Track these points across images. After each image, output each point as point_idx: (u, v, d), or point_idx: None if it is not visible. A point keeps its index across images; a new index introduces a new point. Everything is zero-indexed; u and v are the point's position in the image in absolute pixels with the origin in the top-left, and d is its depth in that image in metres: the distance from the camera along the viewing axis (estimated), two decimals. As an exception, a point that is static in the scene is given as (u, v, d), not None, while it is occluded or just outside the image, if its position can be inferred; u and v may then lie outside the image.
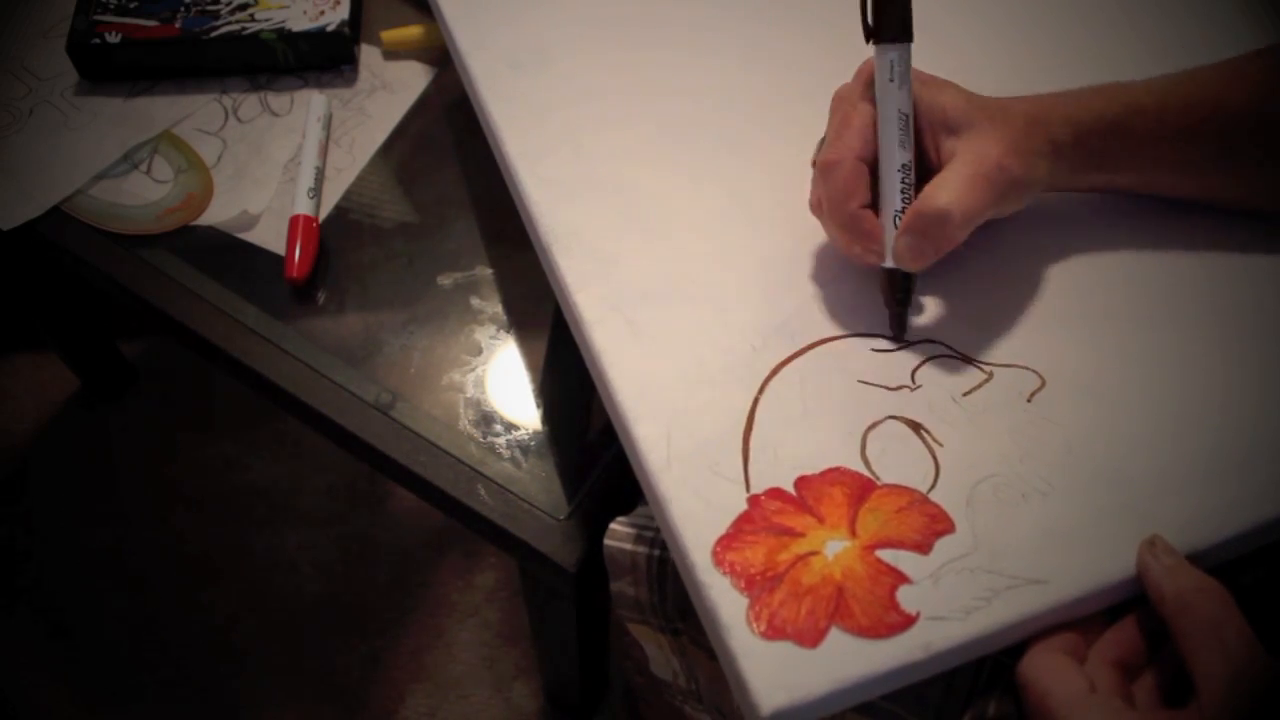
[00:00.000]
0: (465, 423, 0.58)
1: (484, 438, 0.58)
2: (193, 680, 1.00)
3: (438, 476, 0.57)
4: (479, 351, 0.61)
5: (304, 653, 1.01)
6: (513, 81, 0.54)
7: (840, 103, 0.45)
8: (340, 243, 0.65)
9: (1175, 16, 0.56)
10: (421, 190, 0.67)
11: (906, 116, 0.42)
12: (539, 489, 0.56)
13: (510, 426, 0.58)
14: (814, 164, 0.45)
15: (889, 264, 0.43)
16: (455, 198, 0.67)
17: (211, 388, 1.15)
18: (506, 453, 0.57)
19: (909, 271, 0.43)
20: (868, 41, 0.42)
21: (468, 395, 0.59)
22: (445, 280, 0.64)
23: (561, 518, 0.55)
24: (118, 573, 1.06)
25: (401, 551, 1.06)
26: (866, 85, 0.44)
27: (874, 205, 0.43)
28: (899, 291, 0.43)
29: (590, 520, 0.55)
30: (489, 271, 0.64)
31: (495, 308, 0.63)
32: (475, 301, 0.63)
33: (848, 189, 0.42)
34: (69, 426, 1.15)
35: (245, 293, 0.63)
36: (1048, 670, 0.35)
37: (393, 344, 0.61)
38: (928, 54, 0.56)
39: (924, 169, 0.43)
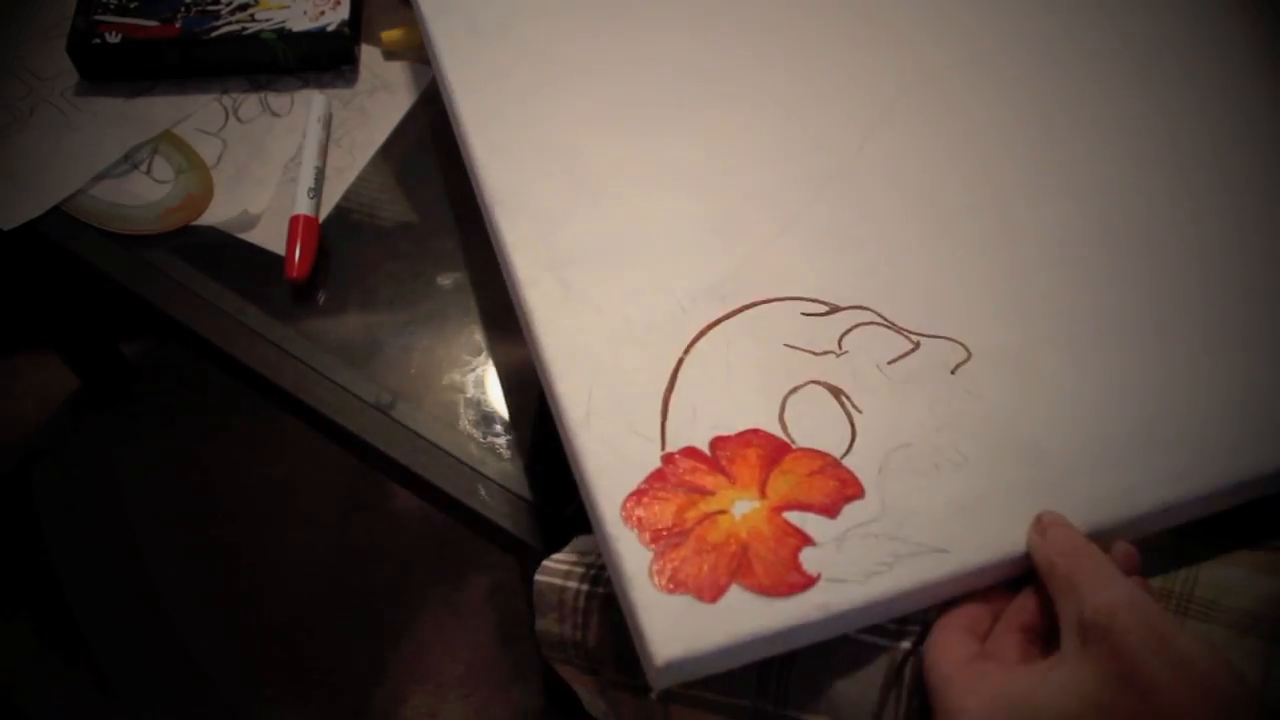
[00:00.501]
0: (465, 423, 0.58)
1: (484, 438, 0.58)
2: (193, 680, 1.00)
3: (438, 476, 0.57)
4: (479, 351, 0.61)
5: (304, 653, 1.01)
6: (471, 46, 0.55)
7: None
8: (340, 243, 0.65)
9: (1168, 13, 0.56)
10: (422, 190, 0.68)
11: None
12: (539, 489, 0.56)
13: (510, 426, 0.58)
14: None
15: None
16: (456, 197, 0.67)
17: (211, 388, 1.15)
18: (506, 453, 0.57)
19: None
20: None
21: (468, 395, 0.59)
22: (445, 280, 0.64)
23: (562, 517, 0.55)
24: (118, 573, 1.06)
25: (401, 551, 1.06)
26: None
27: None
28: None
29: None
30: (490, 271, 0.64)
31: (495, 307, 0.63)
32: (475, 301, 0.63)
33: None
34: (69, 426, 1.15)
35: (245, 293, 0.63)
36: (934, 646, 0.36)
37: (393, 344, 0.61)
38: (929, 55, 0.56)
39: None
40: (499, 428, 0.58)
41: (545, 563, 0.46)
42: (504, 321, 0.62)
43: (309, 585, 1.04)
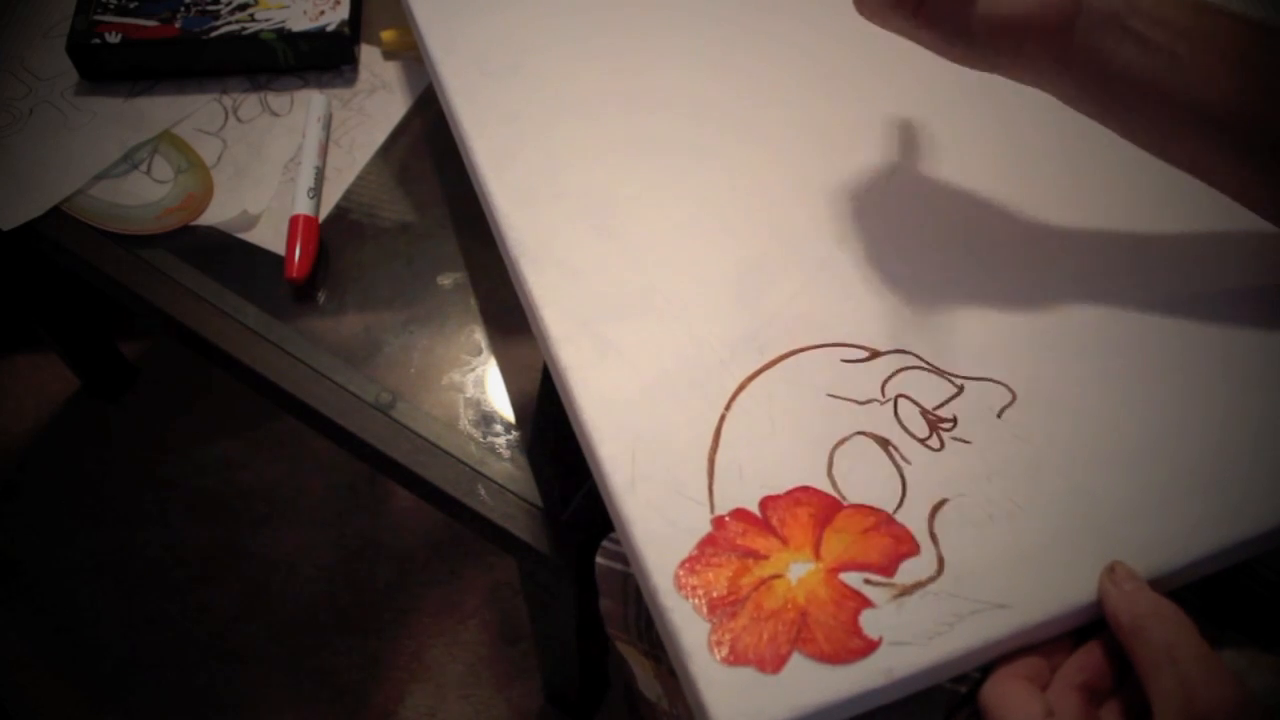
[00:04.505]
0: (465, 423, 0.58)
1: (484, 438, 0.58)
2: (193, 680, 1.00)
3: (438, 476, 0.57)
4: (479, 351, 0.61)
5: (304, 653, 1.01)
6: (484, 88, 0.53)
7: None
8: (340, 243, 0.65)
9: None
10: (421, 190, 0.68)
11: None
12: (538, 489, 0.56)
13: (510, 426, 0.58)
14: None
15: None
16: (455, 197, 0.67)
17: (211, 388, 1.15)
18: (506, 453, 0.57)
19: None
20: None
21: (468, 395, 0.59)
22: (445, 280, 0.64)
23: (561, 518, 0.55)
24: (118, 573, 1.06)
25: (401, 551, 1.06)
26: None
27: None
28: None
29: (590, 520, 0.55)
30: (489, 271, 0.64)
31: (495, 307, 0.63)
32: (475, 301, 0.63)
33: None
34: (69, 427, 1.15)
35: (245, 293, 0.63)
36: (1005, 697, 0.35)
37: (393, 344, 0.61)
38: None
39: None
40: (499, 428, 0.58)
41: (604, 544, 0.45)
42: (504, 321, 0.62)
43: (308, 585, 1.04)
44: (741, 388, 0.42)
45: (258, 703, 0.99)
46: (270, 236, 0.65)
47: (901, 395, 0.42)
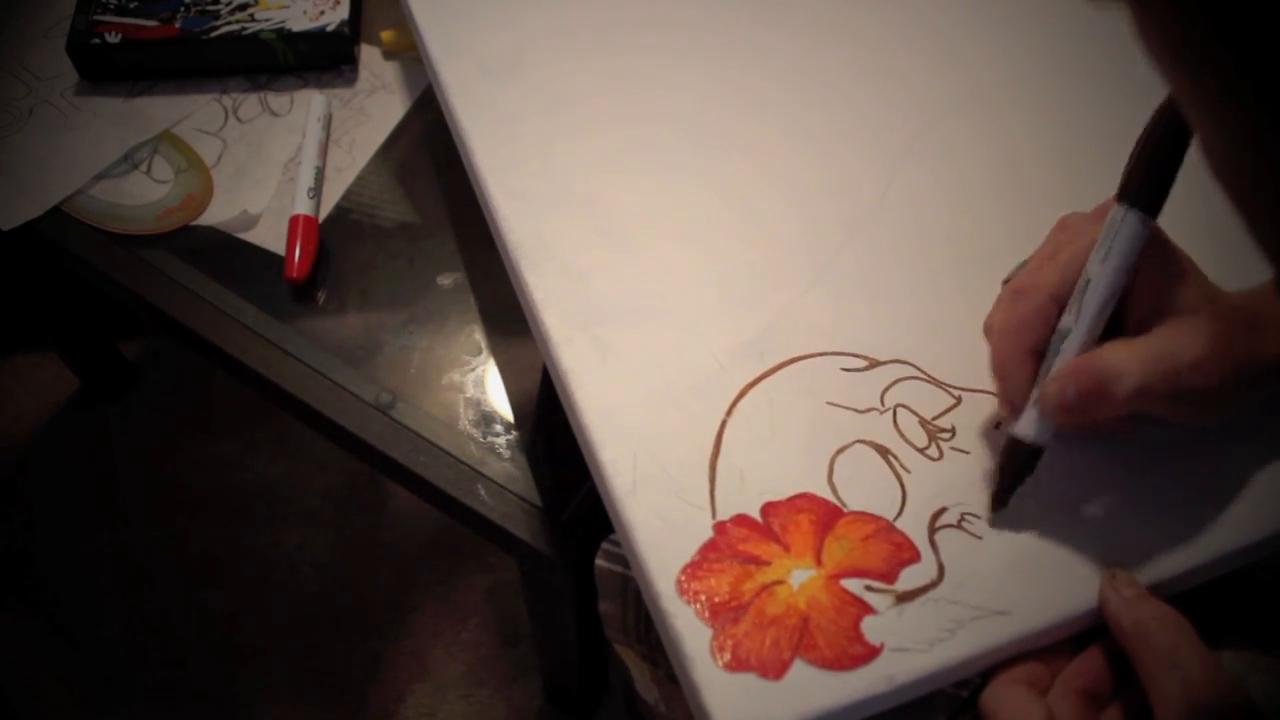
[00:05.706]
0: (465, 423, 0.58)
1: (484, 438, 0.58)
2: (193, 680, 1.00)
3: (438, 476, 0.57)
4: (479, 351, 0.61)
5: (304, 653, 1.01)
6: (484, 90, 0.53)
7: (1061, 229, 0.40)
8: (340, 243, 0.65)
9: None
10: (422, 190, 0.68)
11: (1110, 293, 0.37)
12: (539, 489, 0.56)
13: (510, 426, 0.58)
14: (1004, 283, 0.41)
15: (1017, 430, 0.38)
16: (455, 197, 0.67)
17: (211, 388, 1.15)
18: (506, 453, 0.57)
19: (1040, 445, 0.38)
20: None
21: (468, 395, 0.59)
22: (445, 280, 0.64)
23: (561, 518, 0.55)
24: (118, 572, 1.06)
25: (401, 551, 1.06)
26: (1093, 223, 0.39)
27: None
28: (1018, 463, 0.38)
29: (590, 520, 0.55)
30: (489, 271, 0.64)
31: (495, 307, 0.63)
32: (475, 301, 0.63)
33: (1025, 322, 0.38)
34: (69, 426, 1.15)
35: (245, 293, 0.63)
36: (1006, 702, 0.35)
37: (393, 344, 0.61)
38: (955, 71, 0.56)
39: (1110, 327, 0.38)
40: (499, 428, 0.58)
41: (604, 545, 0.45)
42: (504, 321, 0.62)
43: (308, 585, 1.04)
44: (743, 394, 0.42)
45: (258, 702, 0.99)
46: (270, 236, 0.65)
47: (900, 405, 0.42)
